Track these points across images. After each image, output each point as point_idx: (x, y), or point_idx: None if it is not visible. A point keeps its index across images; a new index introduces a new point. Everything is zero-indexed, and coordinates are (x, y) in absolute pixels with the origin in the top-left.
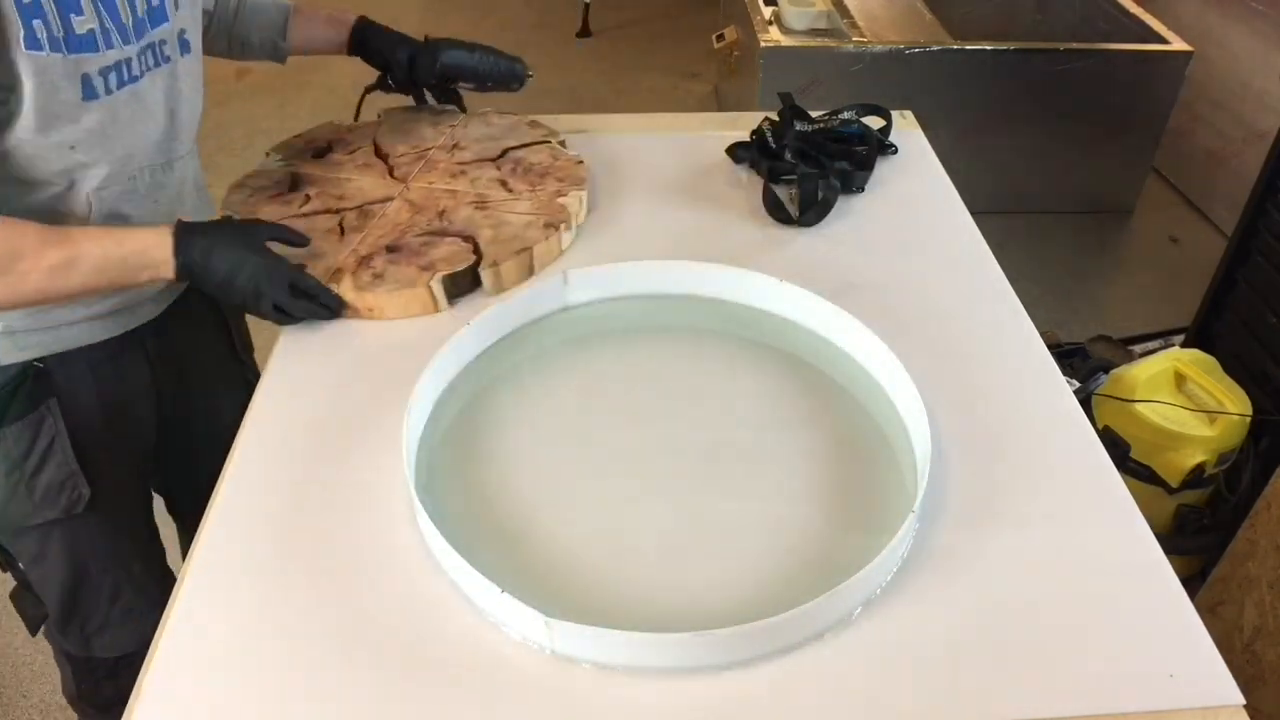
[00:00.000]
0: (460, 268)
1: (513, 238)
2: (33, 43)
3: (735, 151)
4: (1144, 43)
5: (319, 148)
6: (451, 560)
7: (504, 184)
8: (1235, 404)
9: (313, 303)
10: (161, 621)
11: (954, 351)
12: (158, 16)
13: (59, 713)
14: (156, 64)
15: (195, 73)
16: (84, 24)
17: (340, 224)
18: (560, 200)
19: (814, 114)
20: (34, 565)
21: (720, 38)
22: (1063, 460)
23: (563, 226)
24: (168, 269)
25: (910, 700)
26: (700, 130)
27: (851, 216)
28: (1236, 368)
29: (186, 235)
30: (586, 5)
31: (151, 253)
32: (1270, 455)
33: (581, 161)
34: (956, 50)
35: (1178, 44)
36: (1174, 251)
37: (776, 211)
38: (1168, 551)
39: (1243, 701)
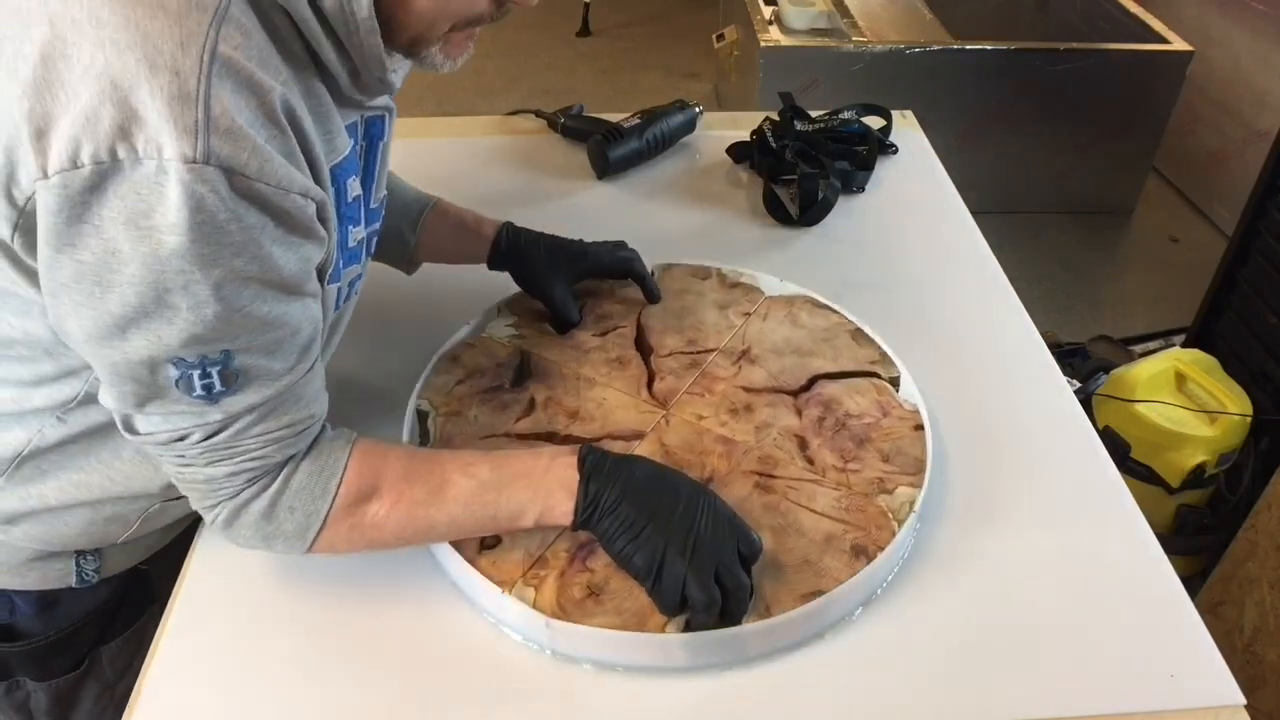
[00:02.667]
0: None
1: (801, 564)
2: (335, 276)
3: (735, 151)
4: (1144, 43)
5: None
6: (452, 561)
7: (803, 444)
8: (1235, 404)
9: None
10: (162, 621)
11: (954, 351)
12: (377, 214)
13: None
14: (368, 255)
15: None
16: (358, 234)
17: None
18: (883, 501)
19: (814, 114)
20: None
21: (720, 38)
22: (1063, 460)
23: (876, 553)
24: (564, 520)
25: (910, 700)
26: (700, 130)
27: (851, 216)
28: (1236, 368)
29: (599, 479)
30: (586, 5)
31: (551, 498)
32: (1271, 455)
33: (920, 426)
34: (956, 50)
35: (1178, 44)
36: (1174, 251)
37: (776, 211)
38: (1168, 551)
39: (1243, 701)
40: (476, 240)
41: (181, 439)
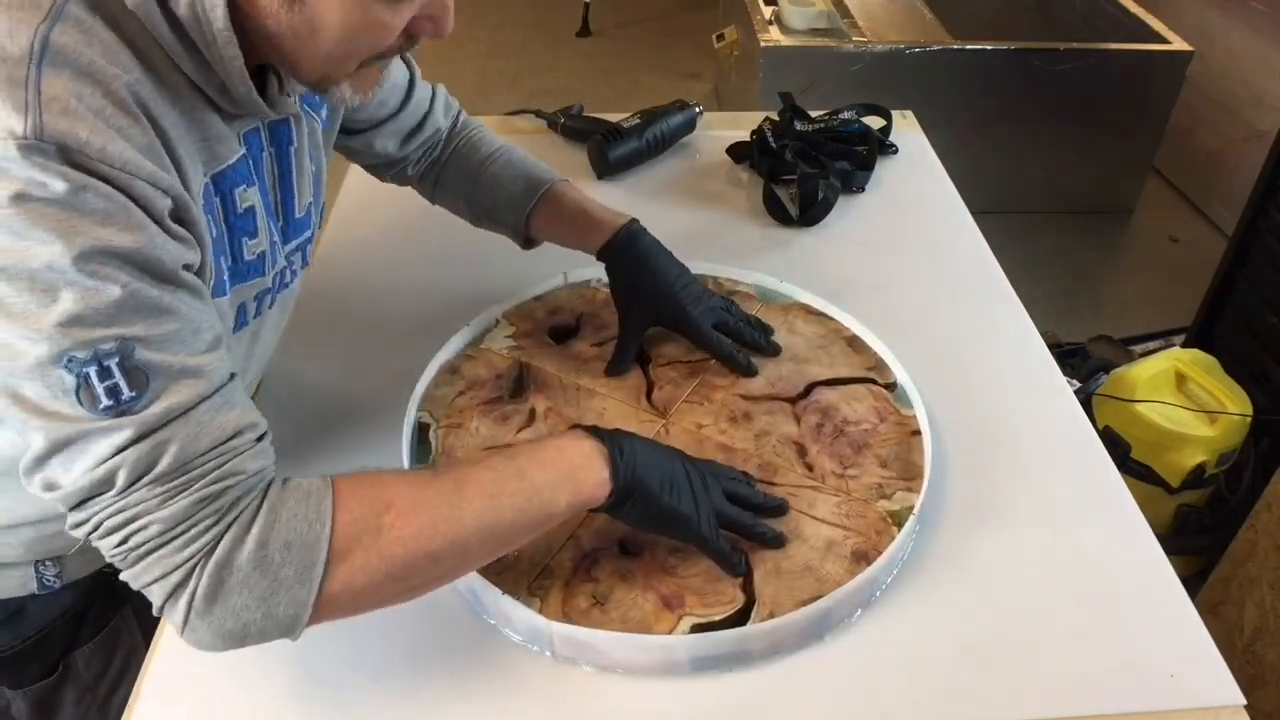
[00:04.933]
0: (718, 614)
1: (802, 569)
2: (219, 288)
3: (735, 151)
4: (1144, 43)
5: (564, 325)
6: None
7: (801, 451)
8: (1235, 404)
9: (756, 520)
10: (161, 622)
11: (954, 351)
12: (304, 223)
13: None
14: (303, 266)
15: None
16: (256, 247)
17: None
18: (882, 506)
19: (814, 114)
20: None
21: (720, 38)
22: (1063, 460)
23: (875, 558)
24: (600, 490)
25: (910, 701)
26: (700, 130)
27: (851, 216)
28: (1236, 368)
29: (617, 443)
30: (586, 5)
31: (580, 473)
32: (1271, 455)
33: (918, 432)
34: (956, 50)
35: (1178, 44)
36: (1174, 251)
37: (776, 211)
38: (1168, 551)
39: (1243, 702)
40: (588, 234)
41: (111, 478)
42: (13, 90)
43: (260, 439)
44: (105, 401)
